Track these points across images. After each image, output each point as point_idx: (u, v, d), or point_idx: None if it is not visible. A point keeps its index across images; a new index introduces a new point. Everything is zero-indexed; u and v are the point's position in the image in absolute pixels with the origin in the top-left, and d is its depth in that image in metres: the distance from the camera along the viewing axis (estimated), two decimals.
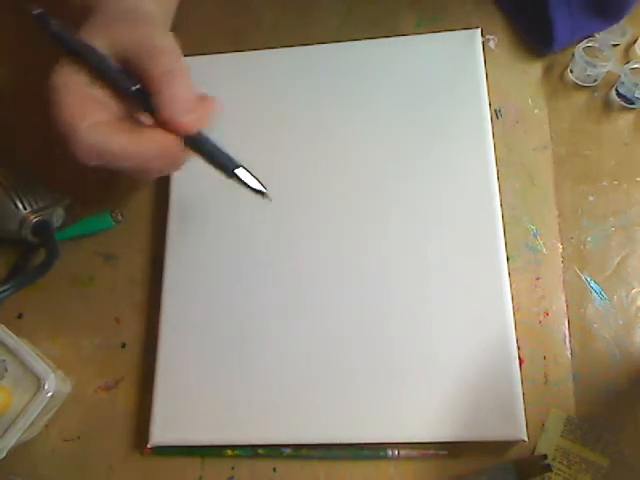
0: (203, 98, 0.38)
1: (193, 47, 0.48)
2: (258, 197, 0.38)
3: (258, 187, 0.38)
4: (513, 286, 0.43)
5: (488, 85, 0.48)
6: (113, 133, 0.37)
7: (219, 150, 0.38)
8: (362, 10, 0.53)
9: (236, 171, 0.38)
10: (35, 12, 0.37)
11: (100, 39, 0.38)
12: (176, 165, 0.40)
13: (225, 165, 0.38)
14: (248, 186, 0.38)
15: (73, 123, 0.36)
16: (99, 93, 0.38)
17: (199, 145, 0.38)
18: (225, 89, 0.42)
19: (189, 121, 0.37)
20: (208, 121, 0.38)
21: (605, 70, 0.47)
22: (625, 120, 0.47)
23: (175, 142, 0.37)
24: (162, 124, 0.37)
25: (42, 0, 0.43)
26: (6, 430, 0.41)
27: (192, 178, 0.47)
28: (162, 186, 0.49)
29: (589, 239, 0.45)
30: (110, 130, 0.37)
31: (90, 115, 0.37)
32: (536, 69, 0.49)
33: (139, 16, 0.41)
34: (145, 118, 0.38)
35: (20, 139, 0.51)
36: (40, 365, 0.42)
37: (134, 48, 0.37)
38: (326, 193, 0.46)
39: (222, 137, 0.38)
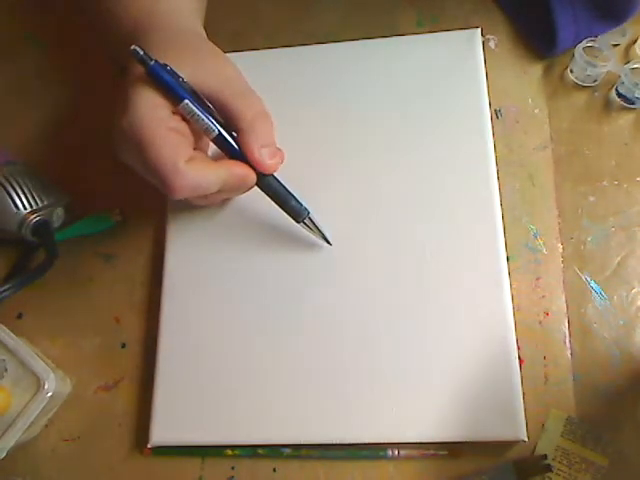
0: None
1: None
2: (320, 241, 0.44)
3: (324, 235, 0.43)
4: (513, 286, 0.43)
5: (488, 85, 0.48)
6: (206, 167, 0.39)
7: (291, 196, 0.43)
8: (362, 10, 0.53)
9: (305, 220, 0.43)
10: (136, 51, 0.38)
11: (185, 71, 0.39)
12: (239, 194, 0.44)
13: (296, 212, 0.43)
14: (314, 232, 0.43)
15: (175, 161, 0.38)
16: (180, 125, 0.39)
17: (274, 188, 0.42)
18: None
19: (274, 164, 0.41)
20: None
21: (605, 70, 0.47)
22: (625, 120, 0.47)
23: (251, 174, 0.41)
24: (244, 161, 0.40)
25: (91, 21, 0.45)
26: (6, 430, 0.41)
27: None
28: None
29: (589, 239, 0.45)
30: (203, 164, 0.39)
31: (185, 151, 0.39)
32: (536, 69, 0.49)
33: (203, 40, 0.43)
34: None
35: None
36: (40, 365, 0.42)
37: (225, 87, 0.40)
38: (325, 193, 0.46)
39: None
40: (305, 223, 0.43)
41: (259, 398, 0.42)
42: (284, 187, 0.43)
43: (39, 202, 0.47)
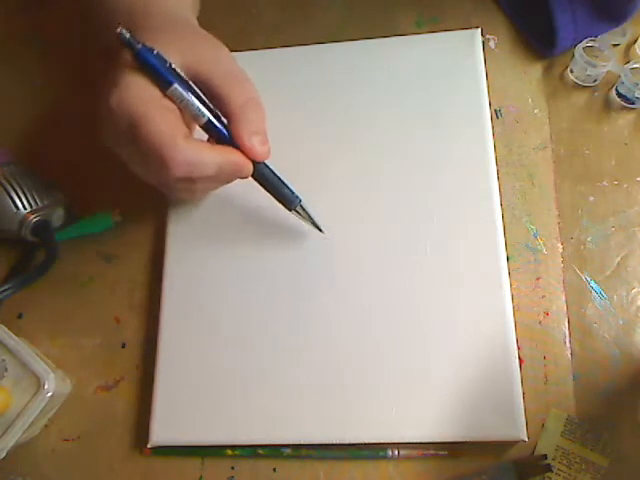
0: None
1: None
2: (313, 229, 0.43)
3: (315, 222, 0.43)
4: (513, 286, 0.43)
5: (488, 85, 0.48)
6: (204, 147, 0.39)
7: (282, 184, 0.42)
8: (362, 10, 0.53)
9: (297, 208, 0.42)
10: (122, 34, 0.37)
11: (175, 56, 0.38)
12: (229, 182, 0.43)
13: (288, 200, 0.42)
14: (306, 220, 0.43)
15: (174, 136, 0.37)
16: (172, 106, 0.39)
17: (266, 176, 0.42)
18: None
19: (265, 151, 0.40)
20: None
21: (605, 70, 0.47)
22: (625, 120, 0.47)
23: (248, 163, 0.40)
24: (235, 145, 0.39)
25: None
26: (6, 430, 0.41)
27: None
28: None
29: (589, 239, 0.45)
30: (201, 144, 0.39)
31: (182, 127, 0.38)
32: (536, 69, 0.49)
33: (196, 28, 0.43)
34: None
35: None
36: (40, 365, 0.42)
37: (215, 72, 0.39)
38: (325, 192, 0.46)
39: None
40: (297, 211, 0.43)
41: (259, 398, 0.42)
42: (276, 175, 0.42)
43: (39, 202, 0.47)
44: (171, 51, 0.38)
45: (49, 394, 0.42)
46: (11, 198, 0.46)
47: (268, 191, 0.42)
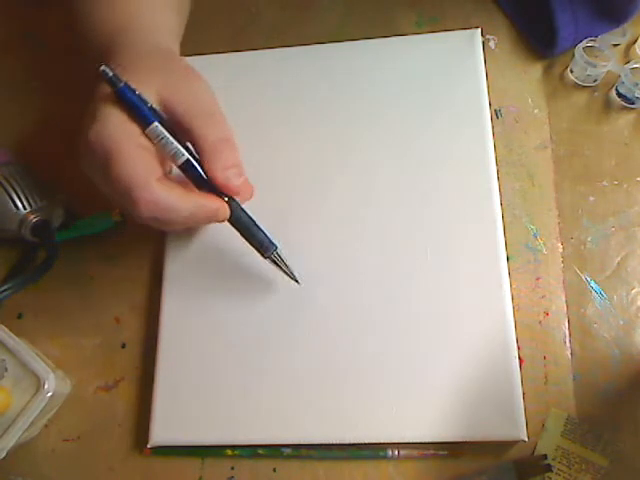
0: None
1: (192, 47, 0.48)
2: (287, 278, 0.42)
3: (291, 273, 0.42)
4: (513, 286, 0.43)
5: (488, 85, 0.48)
6: (178, 192, 0.38)
7: (257, 230, 0.41)
8: (362, 10, 0.53)
9: (271, 256, 0.41)
10: (105, 72, 0.37)
11: (148, 89, 0.38)
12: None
13: (262, 247, 0.41)
14: (280, 268, 0.42)
15: (147, 177, 0.37)
16: (149, 145, 0.38)
17: (239, 220, 0.40)
18: (224, 89, 0.42)
19: (240, 184, 0.39)
20: (249, 195, 0.41)
21: (605, 70, 0.47)
22: (625, 120, 0.47)
23: (225, 209, 0.39)
24: (211, 189, 0.39)
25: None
26: (6, 430, 0.41)
27: None
28: None
29: (589, 239, 0.45)
30: (175, 189, 0.38)
31: (157, 168, 0.38)
32: (536, 69, 0.49)
33: (176, 60, 0.42)
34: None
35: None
36: (40, 365, 0.42)
37: (190, 109, 0.38)
38: (325, 192, 0.46)
39: None
40: (272, 258, 0.41)
41: (259, 398, 0.42)
42: (251, 219, 0.41)
43: (39, 202, 0.47)
44: (150, 84, 0.38)
45: (49, 394, 0.42)
46: (11, 198, 0.46)
47: (243, 236, 0.41)
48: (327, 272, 0.44)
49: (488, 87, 0.48)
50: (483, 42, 0.49)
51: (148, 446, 0.42)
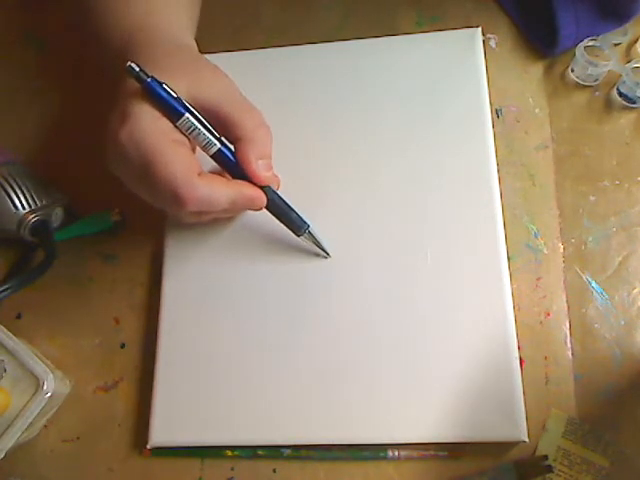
0: None
1: None
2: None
3: (323, 247, 0.43)
4: (514, 286, 0.43)
5: (489, 84, 0.48)
6: (218, 183, 0.39)
7: (290, 210, 0.42)
8: (362, 9, 0.53)
9: (305, 234, 0.43)
10: (132, 68, 0.37)
11: (177, 85, 0.38)
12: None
13: (296, 226, 0.43)
14: (313, 244, 0.43)
15: (189, 174, 0.37)
16: (183, 139, 0.38)
17: (274, 204, 0.42)
18: None
19: (269, 176, 0.40)
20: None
21: (606, 69, 0.47)
22: (626, 119, 0.47)
23: (261, 196, 0.40)
24: (242, 176, 0.40)
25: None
26: (5, 431, 0.41)
27: None
28: None
29: (590, 239, 0.45)
30: (215, 180, 0.39)
31: (196, 164, 0.38)
32: (537, 68, 0.49)
33: (201, 57, 0.42)
34: None
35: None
36: (39, 365, 0.42)
37: (224, 100, 0.39)
38: (325, 192, 0.46)
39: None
40: (305, 237, 0.43)
41: (259, 399, 0.42)
42: (285, 202, 0.42)
43: (38, 202, 0.47)
44: (178, 81, 0.38)
45: (48, 394, 0.41)
46: (10, 198, 0.46)
47: (277, 217, 0.43)
48: (326, 274, 0.44)
49: (489, 86, 0.47)
50: (484, 41, 0.49)
51: (148, 447, 0.42)
